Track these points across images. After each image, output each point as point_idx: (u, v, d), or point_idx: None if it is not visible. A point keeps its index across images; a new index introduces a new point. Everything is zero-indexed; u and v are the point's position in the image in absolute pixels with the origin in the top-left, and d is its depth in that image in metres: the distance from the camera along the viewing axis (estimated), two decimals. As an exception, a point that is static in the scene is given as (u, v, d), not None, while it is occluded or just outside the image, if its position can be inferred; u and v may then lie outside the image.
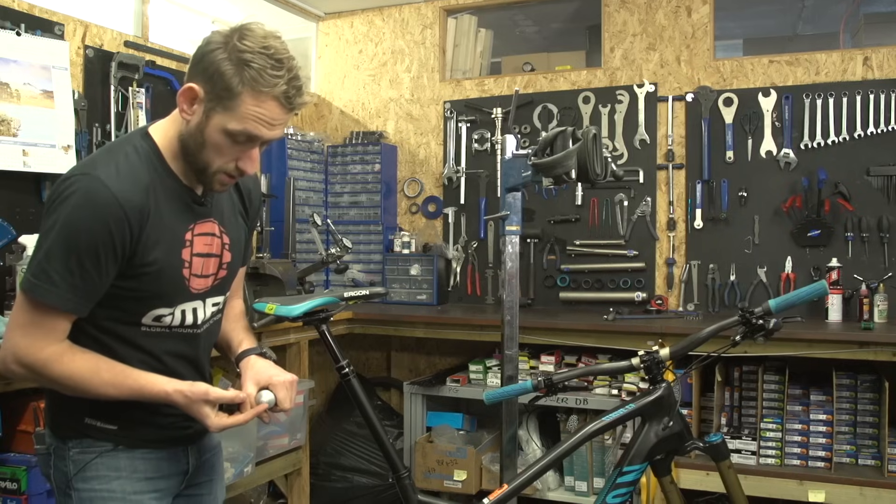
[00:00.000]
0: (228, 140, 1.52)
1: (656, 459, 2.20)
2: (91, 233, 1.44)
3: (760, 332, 2.08)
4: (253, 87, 1.46)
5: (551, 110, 4.25)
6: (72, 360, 1.51)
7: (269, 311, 2.00)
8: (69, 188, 1.45)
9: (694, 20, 4.01)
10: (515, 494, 2.22)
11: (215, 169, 1.56)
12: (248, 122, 1.49)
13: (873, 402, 3.26)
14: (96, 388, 1.52)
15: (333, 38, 4.85)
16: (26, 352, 1.49)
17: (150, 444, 1.64)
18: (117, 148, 1.56)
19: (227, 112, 1.48)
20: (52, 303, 1.47)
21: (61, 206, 1.45)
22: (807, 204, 3.73)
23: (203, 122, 1.51)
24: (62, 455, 1.61)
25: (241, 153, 1.55)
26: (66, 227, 1.44)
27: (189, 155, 1.56)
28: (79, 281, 1.47)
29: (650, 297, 3.96)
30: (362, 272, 4.44)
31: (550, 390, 2.17)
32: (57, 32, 3.09)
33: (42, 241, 1.47)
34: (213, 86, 1.48)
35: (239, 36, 1.48)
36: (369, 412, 2.03)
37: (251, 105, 1.48)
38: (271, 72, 1.47)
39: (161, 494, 1.67)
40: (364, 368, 4.76)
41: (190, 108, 1.51)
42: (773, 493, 3.19)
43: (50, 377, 1.51)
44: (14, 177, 2.89)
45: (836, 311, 3.53)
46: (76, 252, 1.45)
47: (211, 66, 1.47)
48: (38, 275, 1.46)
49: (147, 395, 1.55)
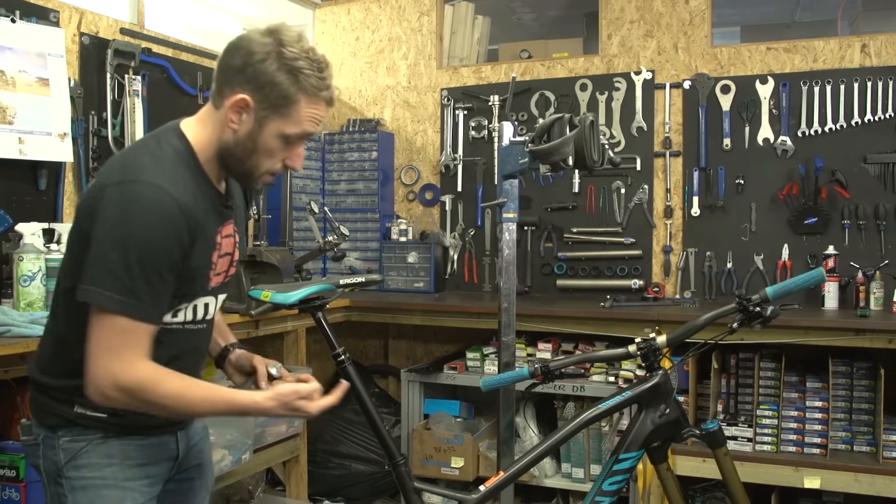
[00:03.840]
0: (282, 143, 1.59)
1: (653, 447, 2.21)
2: (164, 241, 1.47)
3: (758, 319, 2.09)
4: (308, 92, 1.55)
5: (548, 98, 4.24)
6: (166, 380, 1.51)
7: (264, 299, 2.00)
8: (132, 197, 1.45)
9: (691, 7, 3.99)
10: (512, 481, 2.24)
11: (263, 171, 1.62)
12: (305, 123, 1.58)
13: (869, 389, 3.27)
14: (192, 408, 1.56)
15: (330, 25, 4.83)
16: (124, 375, 1.46)
17: (141, 431, 1.65)
18: (158, 150, 1.55)
19: (284, 118, 1.56)
20: (141, 318, 1.47)
21: (127, 215, 1.45)
22: (804, 191, 3.73)
23: (256, 130, 1.56)
24: (51, 444, 1.61)
25: (290, 152, 1.62)
26: (140, 239, 1.45)
27: (235, 161, 1.61)
28: (159, 291, 1.50)
29: (647, 284, 3.97)
30: (360, 260, 4.44)
31: (547, 377, 2.17)
32: (52, 19, 3.07)
33: (111, 253, 1.44)
34: (265, 95, 1.53)
35: (279, 42, 1.53)
36: (365, 399, 2.04)
37: (306, 108, 1.57)
38: (319, 75, 1.56)
39: (152, 481, 1.68)
40: (361, 356, 4.76)
41: (239, 117, 1.56)
42: (769, 479, 3.21)
43: (149, 398, 1.50)
44: (10, 165, 2.88)
45: (832, 299, 3.53)
46: (154, 263, 1.46)
47: (262, 76, 1.52)
48: (121, 291, 1.44)
49: (237, 407, 1.60)
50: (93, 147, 3.22)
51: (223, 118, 1.57)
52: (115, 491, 1.60)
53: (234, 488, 3.52)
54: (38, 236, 2.73)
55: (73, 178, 3.17)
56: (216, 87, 1.58)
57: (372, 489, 4.02)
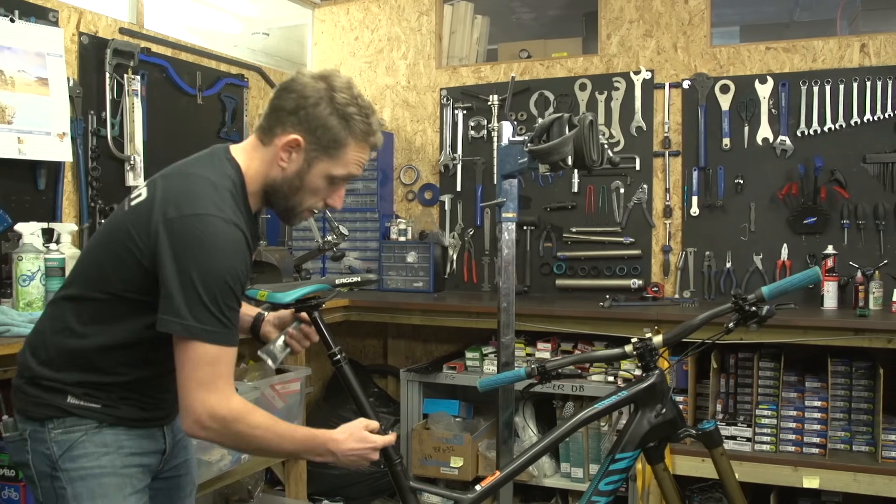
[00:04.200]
0: (326, 183, 1.69)
1: (649, 447, 2.20)
2: (239, 270, 1.56)
3: (753, 318, 2.09)
4: (357, 137, 1.66)
5: (548, 97, 4.24)
6: (255, 410, 1.59)
7: (260, 298, 2.00)
8: (207, 230, 1.51)
9: (691, 7, 3.99)
10: (508, 481, 2.23)
11: (304, 208, 1.73)
12: (350, 166, 1.68)
13: (868, 389, 3.27)
14: (280, 441, 1.64)
15: (329, 25, 4.83)
16: (219, 406, 1.52)
17: (132, 423, 1.69)
18: (217, 179, 1.60)
19: (332, 159, 1.66)
20: (228, 344, 1.54)
21: (206, 248, 1.50)
22: (803, 191, 3.72)
23: (304, 169, 1.66)
24: (41, 438, 1.62)
25: (332, 192, 1.73)
26: (221, 269, 1.51)
27: (280, 197, 1.70)
28: (236, 316, 1.58)
29: (646, 284, 3.96)
30: (359, 260, 4.44)
31: (543, 378, 2.17)
32: (51, 19, 3.07)
33: (196, 285, 1.49)
34: (317, 137, 1.63)
35: (330, 88, 1.63)
36: (361, 399, 2.04)
37: (354, 152, 1.67)
38: (367, 121, 1.66)
39: (144, 469, 1.72)
40: (361, 356, 4.77)
41: (289, 156, 1.65)
42: (767, 479, 3.21)
43: (241, 429, 1.56)
44: (9, 164, 2.89)
45: (831, 299, 3.53)
46: (233, 291, 1.54)
47: (315, 120, 1.62)
48: (210, 321, 1.50)
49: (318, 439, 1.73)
50: (92, 147, 3.23)
51: (272, 155, 1.66)
52: (114, 478, 1.63)
53: (234, 488, 3.53)
54: (37, 236, 2.72)
55: (72, 177, 3.18)
56: (266, 124, 1.67)
57: (371, 489, 4.02)
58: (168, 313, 1.50)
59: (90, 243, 1.72)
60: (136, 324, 1.61)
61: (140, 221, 1.57)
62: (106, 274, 1.60)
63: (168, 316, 1.50)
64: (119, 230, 1.60)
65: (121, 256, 1.58)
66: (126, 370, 1.65)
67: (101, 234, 1.70)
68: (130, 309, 1.60)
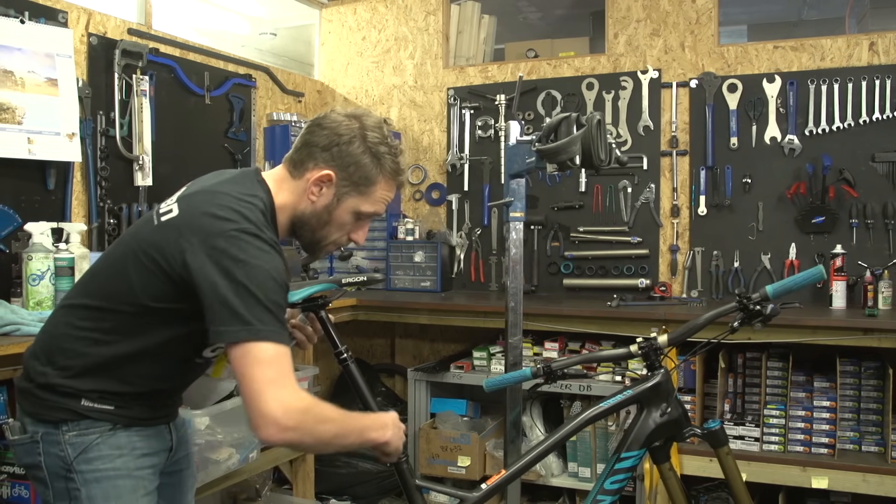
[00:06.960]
0: (353, 218, 1.74)
1: (655, 446, 2.20)
2: (281, 269, 1.58)
3: (758, 317, 2.09)
4: (387, 176, 1.72)
5: (555, 97, 4.24)
6: (321, 402, 1.59)
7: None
8: (252, 242, 1.53)
9: (698, 5, 3.98)
10: (513, 479, 2.24)
11: (329, 241, 1.77)
12: (378, 204, 1.74)
13: (877, 389, 3.26)
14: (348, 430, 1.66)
15: (336, 24, 4.84)
16: (294, 399, 1.50)
17: (143, 423, 1.71)
18: (253, 199, 1.62)
19: (362, 196, 1.71)
20: (285, 342, 1.54)
21: (254, 257, 1.52)
22: (811, 190, 3.71)
23: (333, 204, 1.71)
24: (55, 440, 1.63)
25: (357, 228, 1.79)
26: (266, 270, 1.52)
27: (307, 230, 1.74)
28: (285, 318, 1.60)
29: (654, 283, 3.96)
30: (366, 259, 4.45)
31: (549, 378, 2.17)
32: (60, 20, 3.09)
33: (248, 290, 1.49)
34: (349, 173, 1.68)
35: (363, 126, 1.69)
36: (367, 398, 2.05)
37: (382, 190, 1.73)
38: (396, 160, 1.73)
39: (154, 470, 1.74)
40: (368, 355, 4.78)
41: (319, 191, 1.69)
42: (776, 479, 3.20)
43: (317, 419, 1.55)
44: (19, 164, 2.90)
45: (840, 298, 3.52)
46: (281, 289, 1.56)
47: (349, 157, 1.67)
48: (272, 321, 1.51)
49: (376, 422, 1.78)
50: (101, 147, 3.25)
51: (303, 188, 1.69)
52: (128, 481, 1.65)
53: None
54: (46, 236, 2.74)
55: (81, 177, 3.19)
56: (297, 158, 1.70)
57: (378, 488, 4.02)
58: (228, 324, 1.48)
59: (113, 253, 1.70)
60: (163, 335, 1.63)
61: (171, 238, 1.56)
62: (133, 288, 1.60)
63: (228, 326, 1.48)
64: (149, 245, 1.59)
65: (150, 270, 1.58)
66: (143, 381, 1.67)
67: (126, 245, 1.66)
68: (158, 320, 1.61)
